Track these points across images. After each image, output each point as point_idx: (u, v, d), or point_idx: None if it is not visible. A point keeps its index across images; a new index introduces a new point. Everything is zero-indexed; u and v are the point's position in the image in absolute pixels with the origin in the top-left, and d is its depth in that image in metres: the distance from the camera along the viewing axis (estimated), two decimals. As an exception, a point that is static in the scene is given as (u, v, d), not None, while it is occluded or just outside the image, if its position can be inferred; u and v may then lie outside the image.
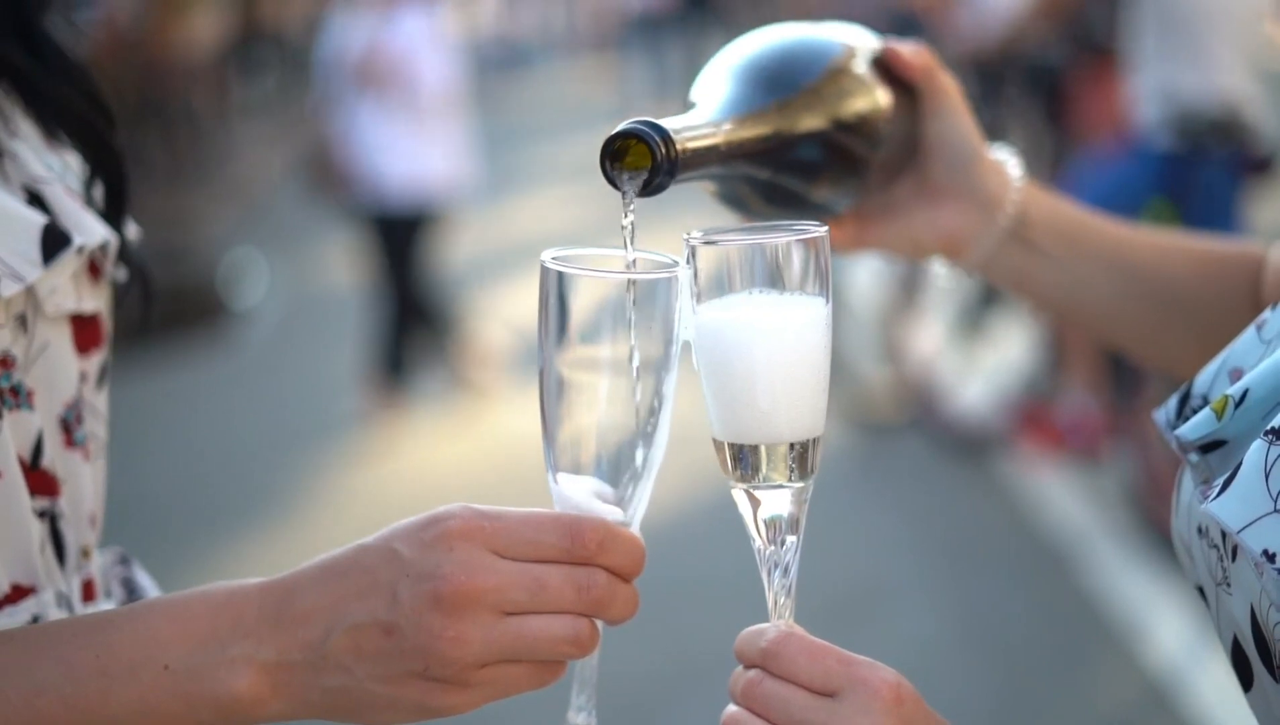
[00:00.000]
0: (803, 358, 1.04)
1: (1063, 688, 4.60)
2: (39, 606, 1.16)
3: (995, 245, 1.40)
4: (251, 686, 1.01)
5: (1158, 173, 5.42)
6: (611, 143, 1.06)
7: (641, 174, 1.06)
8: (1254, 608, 0.99)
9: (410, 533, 1.01)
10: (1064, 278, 1.42)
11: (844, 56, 1.32)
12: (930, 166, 1.39)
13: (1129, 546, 5.45)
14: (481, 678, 1.00)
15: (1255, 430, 0.99)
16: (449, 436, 6.90)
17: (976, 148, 1.39)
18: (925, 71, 1.36)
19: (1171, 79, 5.42)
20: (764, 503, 1.07)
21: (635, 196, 1.07)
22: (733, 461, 1.06)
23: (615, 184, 1.06)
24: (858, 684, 0.99)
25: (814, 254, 1.04)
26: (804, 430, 1.05)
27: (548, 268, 1.05)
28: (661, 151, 1.06)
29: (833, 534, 5.44)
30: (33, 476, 1.16)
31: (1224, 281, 1.41)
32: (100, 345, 1.25)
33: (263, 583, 1.04)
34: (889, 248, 1.42)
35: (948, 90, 1.37)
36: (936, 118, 1.37)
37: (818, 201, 1.32)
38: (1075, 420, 6.15)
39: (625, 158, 1.06)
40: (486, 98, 15.59)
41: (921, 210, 1.40)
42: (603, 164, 1.06)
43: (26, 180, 1.20)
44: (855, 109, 1.30)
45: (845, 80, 1.30)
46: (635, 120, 1.07)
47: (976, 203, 1.39)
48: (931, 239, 1.40)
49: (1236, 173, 5.48)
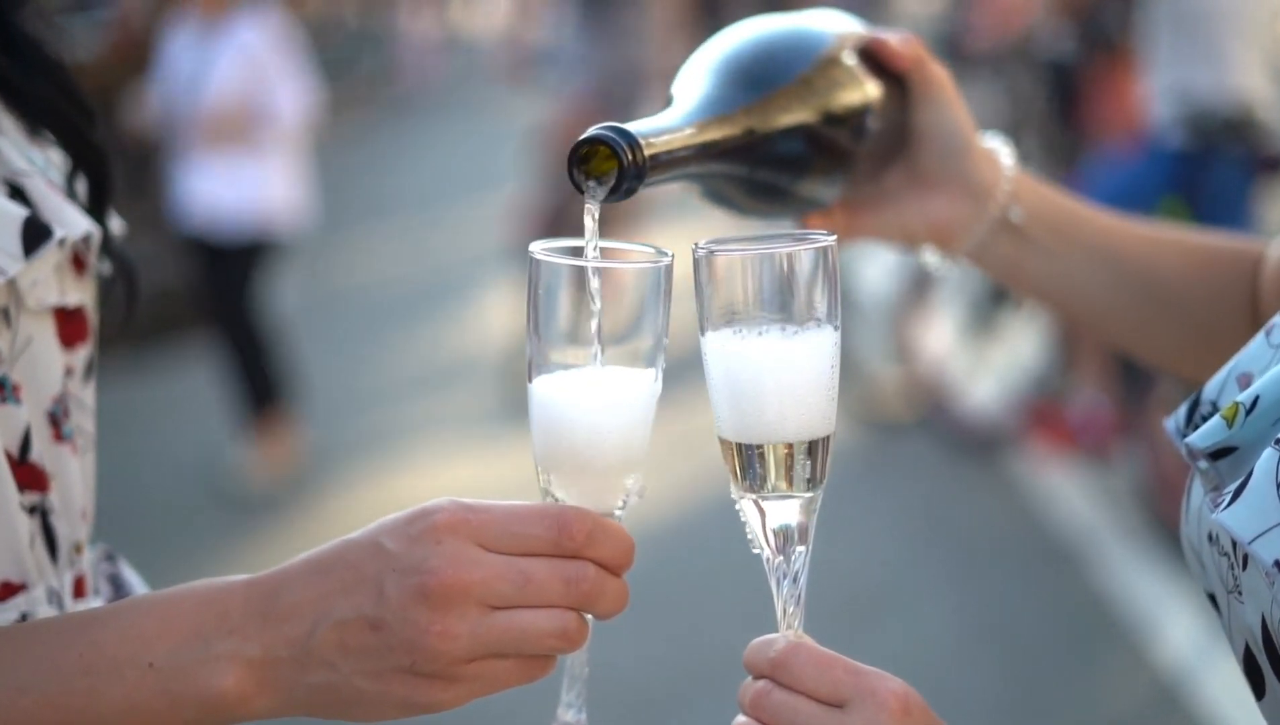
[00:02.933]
0: (811, 383, 1.03)
1: (1073, 686, 4.59)
2: (29, 603, 1.16)
3: (987, 234, 1.39)
4: (237, 683, 1.00)
5: (1171, 171, 5.41)
6: (578, 149, 1.06)
7: (609, 179, 1.06)
8: (1265, 616, 0.98)
9: (396, 527, 1.00)
10: (1054, 268, 1.41)
11: (831, 49, 1.30)
12: (921, 155, 1.37)
13: (1139, 545, 5.43)
14: (469, 673, 1.00)
15: (1266, 437, 0.98)
16: (462, 433, 6.90)
17: (968, 137, 1.37)
18: (915, 61, 1.35)
19: (1185, 77, 5.40)
20: (772, 513, 1.06)
21: (602, 201, 1.06)
22: (741, 469, 1.05)
23: (581, 189, 1.06)
24: (866, 694, 0.99)
25: (825, 272, 1.03)
26: (811, 432, 1.04)
27: (535, 259, 1.05)
28: (628, 157, 1.05)
29: (842, 532, 5.43)
30: (20, 470, 1.15)
31: (1217, 277, 1.40)
32: (86, 339, 1.25)
33: (248, 579, 1.03)
34: (880, 237, 1.41)
35: (938, 79, 1.36)
36: (927, 107, 1.36)
37: (804, 194, 1.31)
38: (1086, 419, 6.13)
39: (592, 162, 1.06)
40: (495, 98, 15.61)
41: (913, 199, 1.38)
42: (569, 170, 1.06)
43: (7, 174, 1.20)
44: (841, 102, 1.28)
45: (832, 73, 1.29)
46: (603, 126, 1.07)
47: (968, 192, 1.38)
48: (923, 228, 1.39)
49: (1249, 171, 5.47)
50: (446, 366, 8.14)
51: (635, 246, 1.08)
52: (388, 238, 11.36)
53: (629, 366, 1.05)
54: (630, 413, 1.05)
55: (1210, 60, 5.39)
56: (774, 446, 1.04)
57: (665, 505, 5.45)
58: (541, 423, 1.05)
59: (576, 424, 1.04)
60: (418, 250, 10.97)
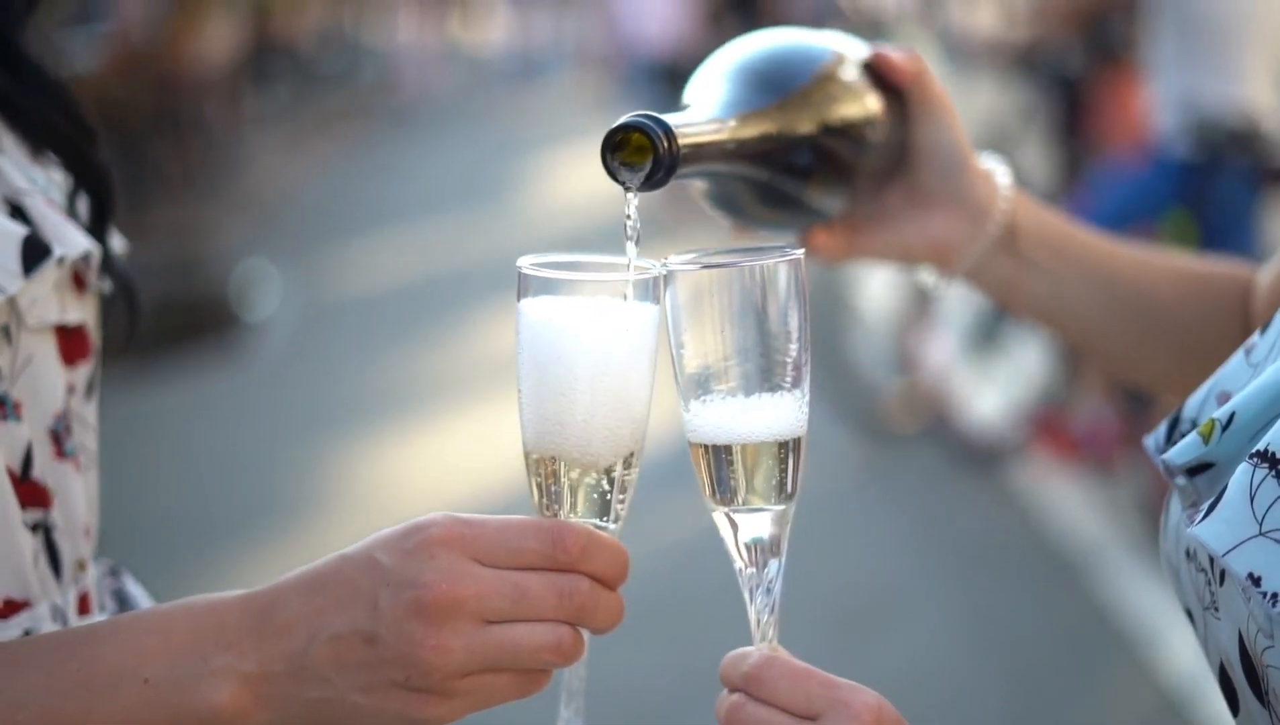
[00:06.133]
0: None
1: (1076, 699, 4.58)
2: (33, 620, 1.16)
3: (984, 254, 1.39)
4: (233, 699, 1.00)
5: (1176, 182, 5.40)
6: (613, 135, 1.05)
7: (643, 167, 1.05)
8: (1242, 633, 0.98)
9: (391, 541, 1.00)
10: (1049, 288, 1.41)
11: (835, 60, 1.31)
12: (920, 173, 1.38)
13: (1143, 557, 5.42)
14: (464, 687, 1.00)
15: (1242, 453, 0.98)
16: (463, 444, 6.89)
17: (966, 155, 1.38)
18: (916, 77, 1.36)
19: (1191, 88, 5.40)
20: (744, 525, 1.06)
21: (637, 190, 1.06)
22: (712, 483, 1.06)
23: (615, 176, 1.05)
24: (839, 706, 0.99)
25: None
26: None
27: (524, 273, 1.05)
28: (664, 145, 1.04)
29: (846, 543, 5.43)
30: (23, 488, 1.16)
31: (1209, 301, 1.41)
32: (87, 357, 1.25)
33: (244, 594, 1.03)
34: (879, 256, 1.42)
35: (938, 96, 1.37)
36: (926, 124, 1.37)
37: (811, 205, 1.32)
38: (1090, 430, 6.13)
39: (626, 150, 1.05)
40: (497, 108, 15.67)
41: (912, 218, 1.39)
42: (604, 156, 1.05)
43: (8, 193, 1.20)
44: (848, 112, 1.30)
45: (837, 84, 1.30)
46: (637, 113, 1.06)
47: (966, 211, 1.38)
48: (921, 247, 1.40)
49: (1255, 183, 5.46)
50: (447, 376, 8.14)
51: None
52: (388, 248, 11.37)
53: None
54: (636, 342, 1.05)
55: (1217, 70, 5.39)
56: (744, 453, 1.04)
57: (667, 520, 5.45)
58: (536, 355, 1.05)
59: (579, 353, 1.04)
60: (418, 261, 10.97)
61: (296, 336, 8.96)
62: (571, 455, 1.04)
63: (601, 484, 1.06)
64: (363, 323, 9.32)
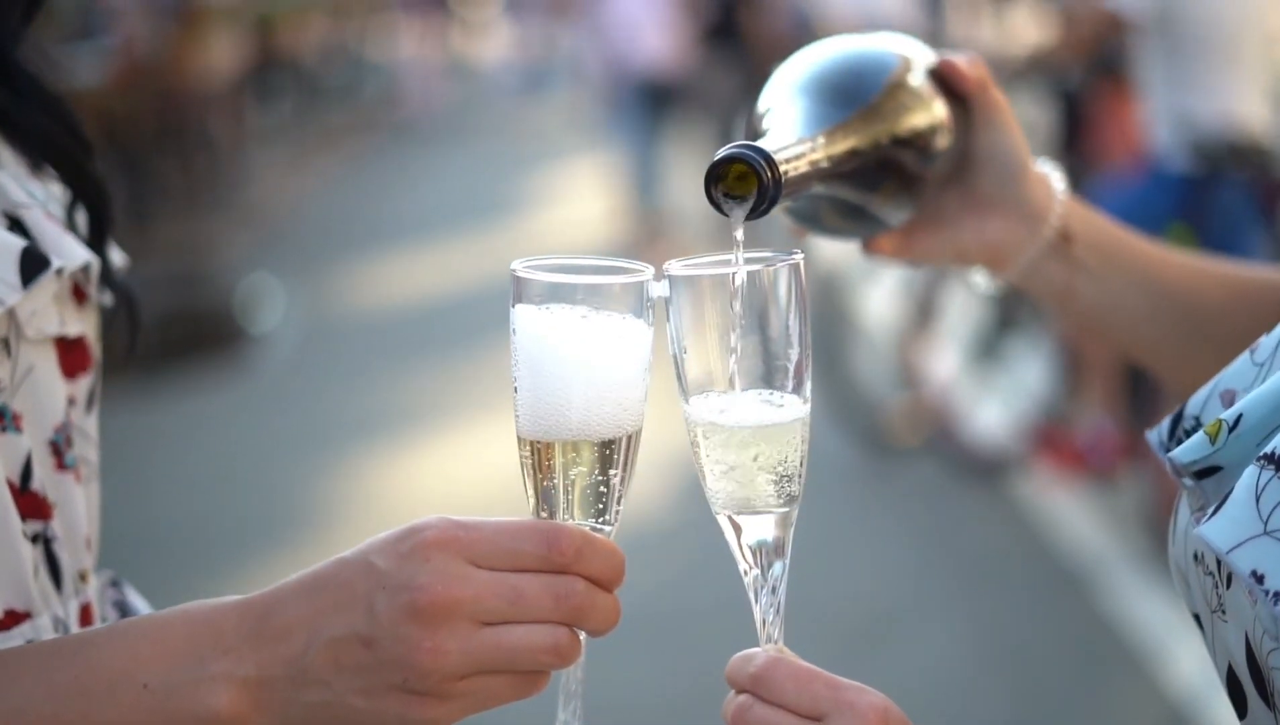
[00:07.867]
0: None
1: (1081, 712, 4.57)
2: (34, 631, 1.16)
3: (1037, 258, 1.40)
4: (232, 704, 1.00)
5: (1176, 196, 5.40)
6: (716, 168, 1.06)
7: (748, 198, 1.06)
8: (1249, 636, 0.98)
9: (387, 545, 1.01)
10: (1100, 293, 1.42)
11: (904, 67, 1.33)
12: (978, 178, 1.39)
13: (1147, 569, 5.42)
14: (461, 689, 1.00)
15: (1249, 456, 0.99)
16: (466, 460, 6.89)
17: (1024, 160, 1.39)
18: (980, 84, 1.37)
19: (1184, 106, 5.41)
20: (748, 528, 1.07)
21: (744, 220, 1.06)
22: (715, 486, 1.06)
23: (721, 209, 1.06)
24: (845, 708, 1.00)
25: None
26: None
27: (518, 276, 1.06)
28: (767, 175, 1.05)
29: (849, 556, 5.42)
30: (23, 499, 1.16)
31: (1255, 307, 1.41)
32: (87, 369, 1.26)
33: (242, 599, 1.04)
34: (934, 258, 1.43)
35: (999, 102, 1.38)
36: (988, 130, 1.38)
37: (879, 215, 1.33)
38: (1093, 442, 6.12)
39: (728, 181, 1.06)
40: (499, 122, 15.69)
41: (969, 222, 1.40)
42: (707, 191, 1.06)
43: (7, 206, 1.21)
44: (918, 121, 1.31)
45: (908, 91, 1.31)
46: (738, 144, 1.07)
47: (1022, 215, 1.39)
48: (977, 250, 1.41)
49: (1255, 197, 5.46)
50: (448, 391, 8.14)
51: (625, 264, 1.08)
52: (392, 263, 11.38)
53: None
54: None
55: (1209, 90, 5.39)
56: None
57: (674, 527, 5.44)
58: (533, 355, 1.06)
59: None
60: (421, 275, 10.98)
61: (299, 351, 8.97)
62: (567, 439, 1.06)
63: (597, 484, 1.06)
64: (366, 337, 9.32)
